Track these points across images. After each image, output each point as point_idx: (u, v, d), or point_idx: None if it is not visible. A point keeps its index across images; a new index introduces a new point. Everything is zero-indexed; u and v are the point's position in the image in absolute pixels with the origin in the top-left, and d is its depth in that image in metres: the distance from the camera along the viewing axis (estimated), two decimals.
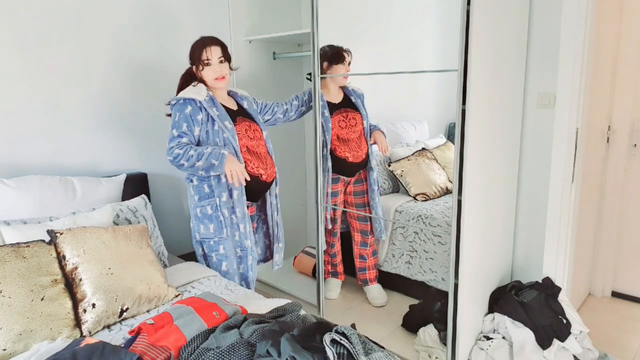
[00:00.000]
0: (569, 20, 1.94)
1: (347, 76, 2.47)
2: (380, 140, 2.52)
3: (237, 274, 2.19)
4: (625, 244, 2.74)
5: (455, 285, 1.90)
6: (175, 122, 2.02)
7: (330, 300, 2.78)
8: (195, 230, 2.16)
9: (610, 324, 2.52)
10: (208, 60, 2.05)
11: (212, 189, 2.08)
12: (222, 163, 1.98)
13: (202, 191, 2.09)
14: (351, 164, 2.52)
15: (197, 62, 2.08)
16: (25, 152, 2.04)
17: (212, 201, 2.09)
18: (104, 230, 1.74)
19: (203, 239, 2.15)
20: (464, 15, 1.68)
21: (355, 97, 2.52)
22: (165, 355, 1.33)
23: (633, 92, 2.57)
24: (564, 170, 2.05)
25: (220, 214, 2.09)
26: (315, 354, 1.22)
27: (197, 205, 2.11)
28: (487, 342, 2.00)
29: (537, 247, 2.21)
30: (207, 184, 2.08)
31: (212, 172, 2.01)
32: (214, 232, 2.11)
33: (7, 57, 1.94)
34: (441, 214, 2.39)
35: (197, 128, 2.03)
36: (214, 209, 2.09)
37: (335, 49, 2.39)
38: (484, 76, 1.80)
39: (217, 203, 2.08)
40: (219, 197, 2.08)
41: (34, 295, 1.48)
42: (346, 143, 2.49)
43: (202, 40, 2.08)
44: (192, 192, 2.12)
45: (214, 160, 1.97)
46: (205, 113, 2.03)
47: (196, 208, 2.12)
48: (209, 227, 2.11)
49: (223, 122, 2.05)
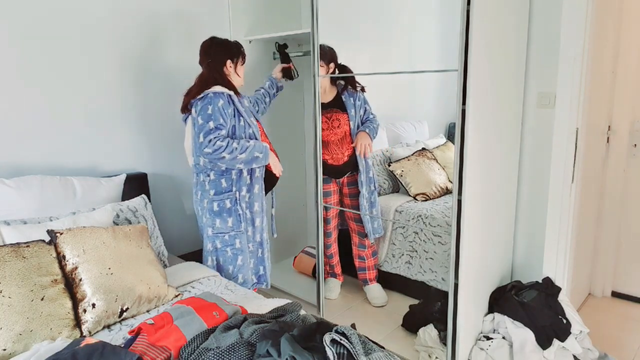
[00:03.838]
0: (569, 20, 1.94)
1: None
2: (360, 142, 2.44)
3: (250, 268, 2.24)
4: (625, 244, 2.74)
5: (455, 285, 1.90)
6: (210, 115, 2.00)
7: (330, 300, 2.78)
8: (209, 225, 2.16)
9: (610, 324, 2.52)
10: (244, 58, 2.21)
11: (232, 183, 2.11)
12: (266, 155, 2.09)
13: (220, 185, 2.11)
14: (331, 167, 2.52)
15: (238, 56, 2.18)
16: (25, 152, 2.03)
17: (231, 195, 2.11)
18: (104, 230, 1.74)
19: (217, 233, 2.15)
20: (464, 15, 1.68)
21: (347, 95, 2.48)
22: (165, 355, 1.33)
23: (633, 92, 2.57)
24: (564, 170, 2.05)
25: (239, 208, 2.13)
26: (315, 354, 1.22)
27: (213, 199, 2.12)
28: (487, 342, 2.00)
29: (537, 247, 2.21)
30: (226, 178, 2.10)
31: (255, 165, 2.08)
32: (232, 225, 2.14)
33: (7, 57, 1.94)
34: (441, 214, 2.39)
35: (229, 121, 2.06)
36: (233, 203, 2.12)
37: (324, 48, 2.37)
38: (484, 76, 1.80)
39: (237, 197, 2.12)
40: (239, 191, 2.12)
41: (34, 295, 1.48)
42: (326, 146, 2.49)
43: (236, 41, 2.22)
44: (207, 187, 2.12)
45: (257, 153, 2.06)
46: (233, 107, 2.07)
47: (212, 202, 2.12)
48: (227, 220, 2.13)
49: (250, 118, 2.11)
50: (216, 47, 2.14)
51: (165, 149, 2.53)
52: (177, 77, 2.47)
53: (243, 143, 2.04)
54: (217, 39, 2.17)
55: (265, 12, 2.91)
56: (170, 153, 2.55)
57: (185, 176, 2.65)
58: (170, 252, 2.47)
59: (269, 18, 2.94)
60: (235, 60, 2.18)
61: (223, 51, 2.15)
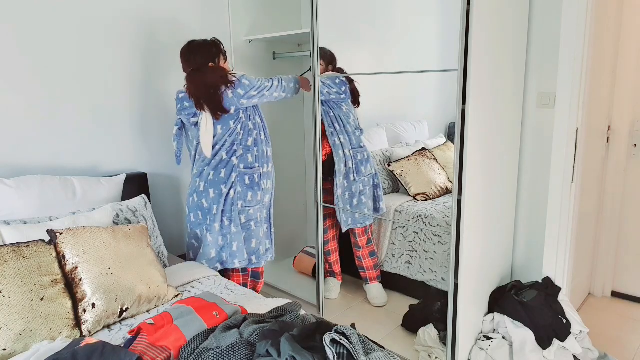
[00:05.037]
0: (569, 20, 1.94)
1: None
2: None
3: (263, 239, 2.38)
4: (625, 244, 2.74)
5: (455, 285, 1.90)
6: (255, 78, 2.20)
7: (330, 300, 2.78)
8: (240, 199, 2.23)
9: (610, 324, 2.52)
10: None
11: (256, 159, 2.26)
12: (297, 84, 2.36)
13: (247, 160, 2.23)
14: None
15: (220, 55, 2.20)
16: (25, 152, 2.03)
17: (256, 170, 2.26)
18: (104, 230, 1.74)
19: (247, 207, 2.25)
20: (464, 15, 1.68)
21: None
22: (165, 355, 1.33)
23: (633, 92, 2.57)
24: (564, 170, 2.05)
25: (263, 182, 2.29)
26: (315, 354, 1.22)
27: (245, 173, 2.22)
28: (487, 342, 1.99)
29: (537, 247, 2.21)
30: (251, 154, 2.24)
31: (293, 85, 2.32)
32: (260, 199, 2.29)
33: (7, 57, 1.94)
34: (441, 214, 2.39)
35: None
36: (259, 177, 2.28)
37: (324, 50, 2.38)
38: (484, 76, 1.80)
39: (261, 172, 2.27)
40: (261, 167, 2.28)
41: (34, 295, 1.48)
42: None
43: (213, 41, 2.22)
44: (236, 162, 2.21)
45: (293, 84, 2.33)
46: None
47: (244, 176, 2.23)
48: (258, 194, 2.28)
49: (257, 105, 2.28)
50: (195, 54, 2.14)
51: (165, 149, 2.53)
52: (177, 77, 2.47)
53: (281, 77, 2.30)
54: (193, 43, 2.17)
55: (265, 12, 2.91)
56: (170, 153, 2.55)
57: (185, 176, 2.65)
58: (170, 252, 2.47)
59: (269, 18, 2.94)
60: (217, 60, 2.19)
61: (203, 56, 2.15)
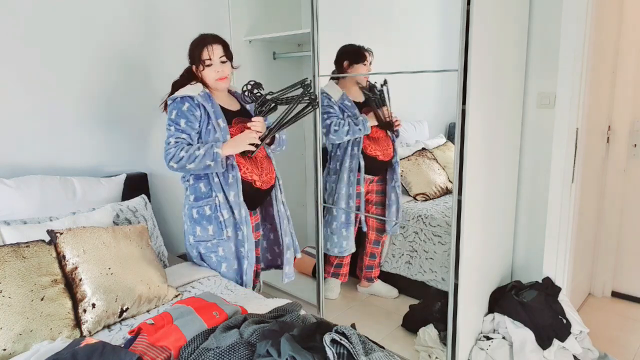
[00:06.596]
0: (569, 20, 1.94)
1: (368, 76, 2.47)
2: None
3: (235, 276, 2.08)
4: (625, 244, 2.74)
5: (455, 285, 1.90)
6: (172, 120, 1.91)
7: (330, 300, 2.77)
8: (190, 233, 2.04)
9: (610, 324, 2.52)
10: (209, 59, 1.94)
11: (211, 188, 1.96)
12: (218, 163, 1.88)
13: (199, 190, 1.98)
14: (381, 162, 2.52)
15: (197, 61, 1.96)
16: (25, 152, 2.03)
17: (210, 201, 1.97)
18: (104, 230, 1.74)
19: (199, 241, 2.03)
20: (464, 15, 1.68)
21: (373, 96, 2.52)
22: (165, 355, 1.33)
23: (633, 92, 2.57)
24: (564, 170, 2.05)
25: (220, 215, 1.96)
26: (315, 354, 1.22)
27: (192, 206, 2.00)
28: (487, 342, 2.00)
29: (537, 247, 2.21)
30: (204, 182, 1.97)
31: (213, 171, 1.93)
32: (214, 234, 1.99)
33: (6, 57, 1.94)
34: (441, 214, 2.39)
35: (197, 124, 1.93)
36: (213, 210, 1.97)
37: (356, 47, 2.39)
38: (484, 76, 1.80)
39: (217, 203, 1.96)
40: (217, 196, 1.96)
41: (33, 295, 1.48)
42: (376, 142, 2.50)
43: (203, 38, 1.96)
44: (188, 192, 2.01)
45: (208, 161, 1.88)
46: (203, 110, 1.93)
47: (192, 209, 2.00)
48: (208, 229, 1.99)
49: (217, 120, 1.93)
50: (190, 48, 2.00)
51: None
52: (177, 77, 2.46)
53: (192, 152, 1.87)
54: (197, 38, 1.99)
55: (265, 12, 2.91)
56: None
57: None
58: (170, 252, 2.47)
59: (269, 18, 2.93)
60: (196, 65, 1.99)
61: (189, 54, 2.01)
